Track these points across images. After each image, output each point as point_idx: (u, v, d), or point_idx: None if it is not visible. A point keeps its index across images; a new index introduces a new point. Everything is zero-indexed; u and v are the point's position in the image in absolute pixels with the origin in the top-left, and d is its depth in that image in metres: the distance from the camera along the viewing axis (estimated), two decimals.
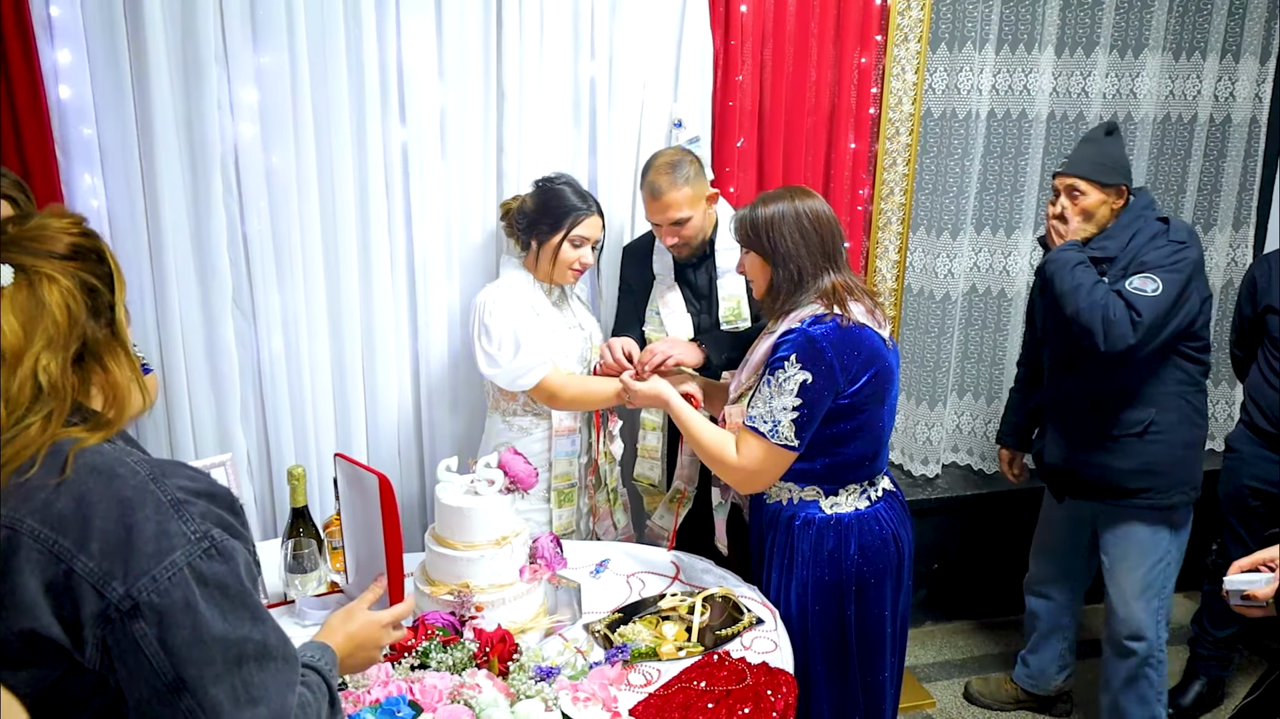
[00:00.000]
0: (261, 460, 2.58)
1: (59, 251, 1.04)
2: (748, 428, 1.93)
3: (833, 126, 2.80)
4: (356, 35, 2.38)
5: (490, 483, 1.93)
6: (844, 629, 2.03)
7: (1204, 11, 3.29)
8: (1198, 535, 2.66)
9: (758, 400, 1.92)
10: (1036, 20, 3.15)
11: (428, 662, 1.70)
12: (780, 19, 2.65)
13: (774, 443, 1.90)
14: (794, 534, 2.03)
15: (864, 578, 2.01)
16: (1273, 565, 1.81)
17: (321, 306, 2.52)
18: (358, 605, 1.42)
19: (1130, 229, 2.41)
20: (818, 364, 1.86)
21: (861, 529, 2.01)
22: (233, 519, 1.06)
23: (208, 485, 1.05)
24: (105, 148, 2.26)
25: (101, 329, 1.06)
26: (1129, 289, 2.31)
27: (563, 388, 2.31)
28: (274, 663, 1.03)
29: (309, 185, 2.43)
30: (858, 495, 2.04)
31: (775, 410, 1.89)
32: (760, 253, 1.98)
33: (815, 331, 1.88)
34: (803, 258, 1.94)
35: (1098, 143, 2.44)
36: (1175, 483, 2.50)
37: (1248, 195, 3.52)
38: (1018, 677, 3.02)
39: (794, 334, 1.90)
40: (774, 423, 1.90)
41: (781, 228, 1.94)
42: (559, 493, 2.40)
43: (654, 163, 2.38)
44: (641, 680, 1.76)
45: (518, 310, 2.30)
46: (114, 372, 1.07)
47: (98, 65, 2.21)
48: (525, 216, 2.36)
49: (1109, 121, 2.52)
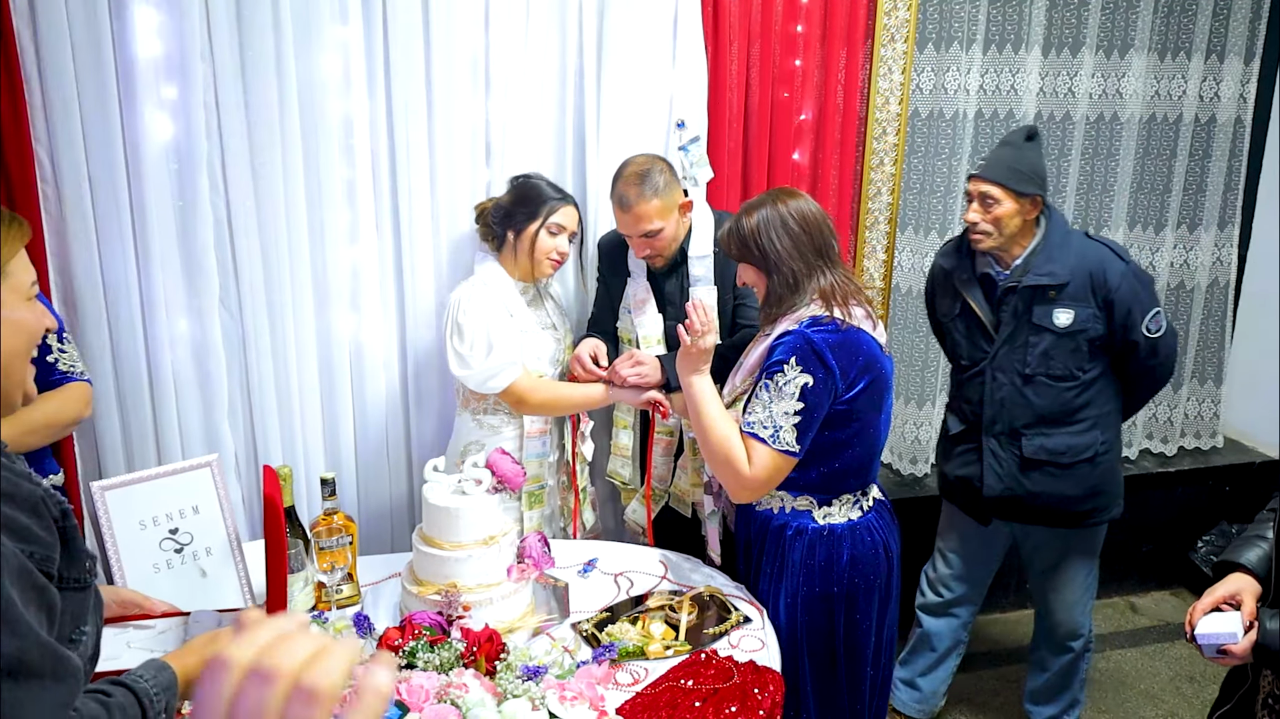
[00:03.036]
0: (249, 460, 2.57)
1: None
2: (746, 434, 1.88)
3: (819, 126, 2.80)
4: (343, 31, 2.37)
5: (477, 482, 1.93)
6: (832, 639, 2.01)
7: (1189, 12, 3.31)
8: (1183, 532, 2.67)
9: (756, 406, 1.88)
10: (1023, 20, 3.16)
11: (415, 661, 1.69)
12: (767, 19, 2.65)
13: (774, 448, 1.85)
14: (784, 544, 2.00)
15: (855, 588, 1.99)
16: (1235, 603, 1.74)
17: (309, 306, 2.51)
18: (229, 630, 1.36)
19: (1068, 248, 2.35)
20: (818, 367, 1.83)
21: (854, 539, 1.98)
22: (29, 521, 1.00)
23: (8, 485, 0.99)
24: (90, 145, 2.25)
25: None
26: (1150, 336, 2.34)
27: (531, 392, 2.31)
28: (34, 681, 0.94)
29: (295, 184, 2.42)
30: (851, 505, 2.01)
31: (776, 415, 1.85)
32: (753, 263, 1.95)
33: (815, 334, 1.85)
34: (795, 260, 1.91)
35: (1016, 148, 2.34)
36: (1114, 499, 2.52)
37: (1233, 195, 3.55)
38: (903, 703, 2.83)
39: (792, 337, 1.87)
40: (775, 428, 1.85)
41: (769, 233, 1.91)
42: (529, 494, 2.40)
43: (622, 172, 2.31)
44: (629, 679, 1.76)
45: (492, 310, 2.30)
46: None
47: (81, 60, 2.20)
48: (501, 210, 2.35)
49: (1029, 126, 2.40)
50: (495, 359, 2.26)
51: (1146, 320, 2.34)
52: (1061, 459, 2.42)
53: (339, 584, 1.98)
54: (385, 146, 2.49)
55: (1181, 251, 3.58)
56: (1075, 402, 2.40)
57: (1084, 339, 2.36)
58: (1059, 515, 2.48)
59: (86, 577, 1.11)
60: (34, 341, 1.14)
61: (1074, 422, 2.42)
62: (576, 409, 2.43)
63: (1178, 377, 3.66)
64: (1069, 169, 3.33)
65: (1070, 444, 2.42)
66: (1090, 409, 2.42)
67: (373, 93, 2.44)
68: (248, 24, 2.29)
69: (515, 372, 2.28)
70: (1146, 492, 3.61)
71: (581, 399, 2.37)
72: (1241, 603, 1.74)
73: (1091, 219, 3.44)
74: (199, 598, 1.90)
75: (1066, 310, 2.34)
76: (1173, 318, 3.62)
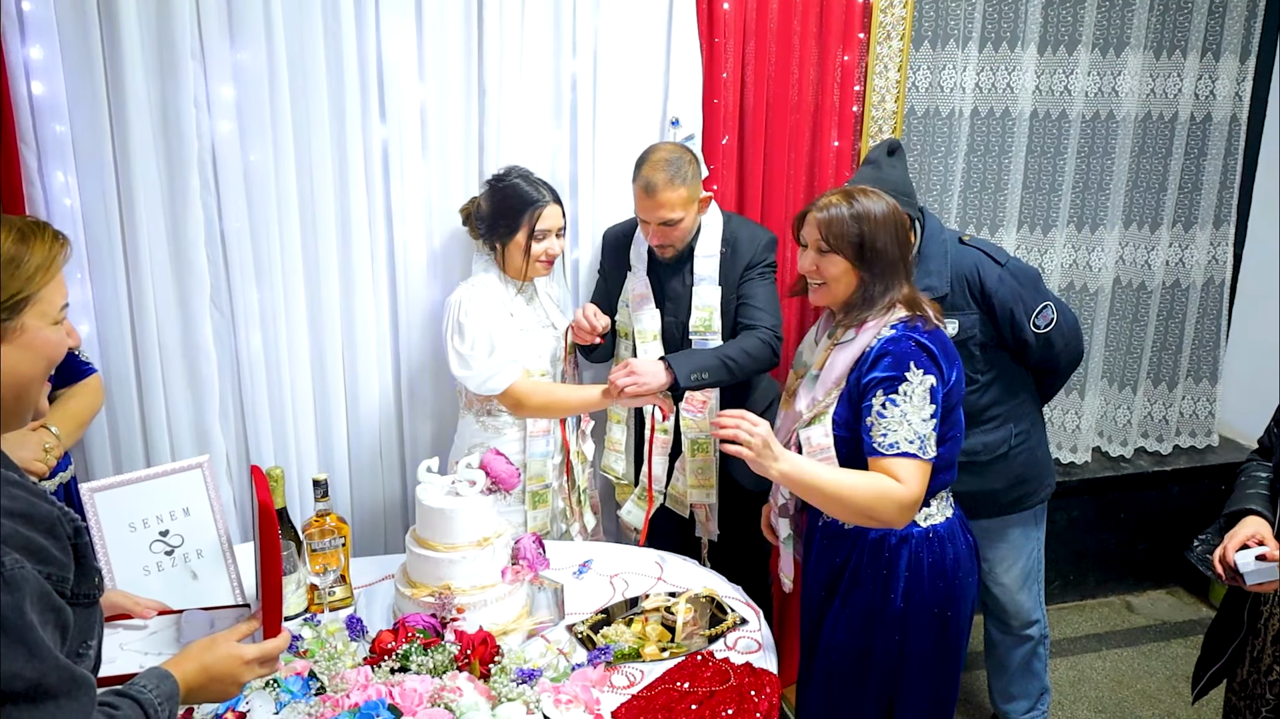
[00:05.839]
0: (241, 461, 2.55)
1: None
2: (895, 455, 1.75)
3: (815, 124, 2.79)
4: (335, 31, 2.35)
5: (471, 484, 1.92)
6: (945, 646, 1.90)
7: (1184, 10, 3.30)
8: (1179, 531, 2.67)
9: (889, 424, 1.75)
10: (1019, 18, 3.15)
11: (408, 664, 1.68)
12: (763, 16, 2.64)
13: (924, 459, 1.76)
14: (889, 555, 1.86)
15: (961, 589, 1.90)
16: (1258, 542, 1.79)
17: (301, 305, 2.49)
18: (225, 636, 1.36)
19: (943, 258, 2.34)
20: (933, 367, 1.78)
21: (952, 538, 1.90)
22: (47, 543, 1.01)
23: (26, 506, 1.01)
24: (78, 145, 2.23)
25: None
26: (1040, 332, 2.33)
27: (529, 395, 2.29)
28: (51, 702, 0.97)
29: (288, 183, 2.40)
30: (944, 502, 1.93)
31: (916, 425, 1.75)
32: (850, 257, 1.85)
33: (921, 336, 1.80)
34: (896, 262, 1.85)
35: (877, 165, 2.31)
36: (1041, 482, 2.55)
37: (1228, 193, 3.55)
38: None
39: (901, 344, 1.79)
40: (920, 439, 1.75)
41: (884, 235, 1.84)
42: (534, 494, 2.39)
43: (650, 157, 2.32)
44: (624, 682, 1.75)
45: (492, 311, 2.29)
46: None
47: (70, 61, 2.18)
48: (483, 220, 2.33)
49: (890, 139, 2.37)
50: (496, 359, 2.25)
51: (1034, 317, 2.34)
52: (979, 458, 2.44)
53: (331, 586, 1.96)
54: (378, 145, 2.47)
55: (1177, 250, 3.57)
56: (979, 403, 2.42)
57: (973, 345, 2.36)
58: (989, 507, 2.50)
59: (95, 592, 1.12)
60: (54, 364, 1.15)
61: (983, 421, 2.43)
62: (574, 412, 2.42)
63: (1172, 375, 3.67)
64: (1065, 167, 3.33)
65: (984, 442, 2.44)
66: (997, 407, 2.44)
67: (365, 90, 2.42)
68: (238, 22, 2.27)
69: (515, 372, 2.27)
70: (1142, 490, 3.62)
71: (579, 402, 2.36)
72: (1263, 541, 1.78)
73: (1087, 217, 3.44)
74: (190, 600, 1.88)
75: (951, 320, 2.32)
76: (1168, 316, 3.63)
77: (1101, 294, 3.50)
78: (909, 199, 2.30)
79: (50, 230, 1.14)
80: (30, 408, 1.14)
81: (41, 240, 1.12)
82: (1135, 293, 3.57)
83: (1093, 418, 3.63)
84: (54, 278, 1.13)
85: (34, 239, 1.12)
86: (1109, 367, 3.62)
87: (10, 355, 1.08)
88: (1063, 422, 3.61)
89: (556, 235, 2.33)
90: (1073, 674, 3.19)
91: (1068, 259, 3.48)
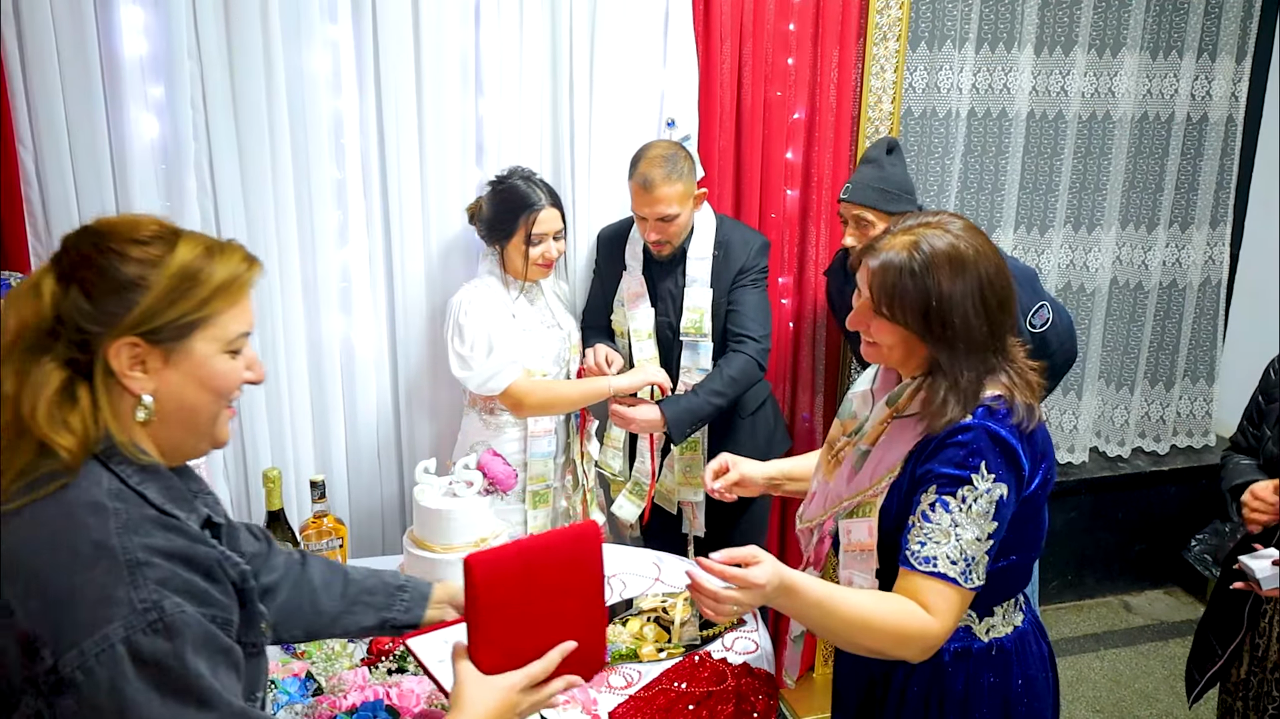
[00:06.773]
0: (237, 462, 2.54)
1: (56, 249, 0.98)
2: (928, 574, 1.36)
3: (812, 125, 2.79)
4: (332, 30, 2.35)
5: (469, 484, 1.92)
6: None
7: (1181, 11, 3.31)
8: (1176, 531, 2.65)
9: (934, 532, 1.36)
10: (1016, 19, 3.16)
11: (405, 666, 1.68)
12: (759, 17, 2.64)
13: (966, 588, 1.36)
14: (940, 674, 1.49)
15: (1033, 714, 1.53)
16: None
17: (298, 306, 2.49)
18: (513, 676, 1.17)
19: None
20: (1009, 471, 1.38)
21: (1021, 653, 1.53)
22: (207, 586, 0.96)
23: (185, 547, 0.96)
24: (75, 146, 2.22)
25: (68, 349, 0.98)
26: (1035, 332, 2.30)
27: (528, 394, 2.29)
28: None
29: (285, 184, 2.40)
30: (1013, 608, 1.54)
31: (966, 546, 1.35)
32: (917, 331, 1.40)
33: (1000, 429, 1.38)
34: (985, 350, 1.40)
35: (878, 164, 2.30)
36: None
37: (1224, 193, 3.55)
38: None
39: (973, 434, 1.37)
40: (967, 562, 1.36)
41: (965, 308, 1.37)
42: (534, 494, 2.39)
43: (647, 154, 2.34)
44: (622, 682, 1.75)
45: (493, 312, 2.29)
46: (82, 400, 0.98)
47: (66, 60, 2.17)
48: (484, 223, 2.35)
49: (889, 138, 2.33)
50: (495, 360, 2.25)
51: (1029, 317, 2.33)
52: None
53: None
54: (375, 146, 2.47)
55: (1174, 250, 3.58)
56: None
57: None
58: None
59: (262, 639, 1.08)
60: (224, 397, 1.07)
61: None
62: (576, 405, 2.42)
63: (1170, 375, 3.67)
64: (1061, 168, 3.34)
65: None
66: None
67: (362, 91, 2.42)
68: (235, 22, 2.27)
69: (514, 372, 2.27)
70: (1139, 490, 3.62)
71: (579, 395, 2.37)
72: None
73: (1084, 218, 3.44)
74: None
75: None
76: (1165, 316, 3.63)
77: (1098, 294, 3.50)
78: (910, 197, 2.31)
79: (241, 252, 1.06)
80: (201, 438, 1.07)
81: (226, 259, 1.04)
82: (1132, 293, 3.57)
83: (1090, 418, 3.64)
84: (236, 304, 1.04)
85: (219, 256, 1.03)
86: (1106, 367, 3.63)
87: (171, 380, 1.01)
88: (1060, 422, 3.62)
89: (555, 238, 2.34)
90: (1071, 674, 3.19)
91: (1064, 259, 3.48)
